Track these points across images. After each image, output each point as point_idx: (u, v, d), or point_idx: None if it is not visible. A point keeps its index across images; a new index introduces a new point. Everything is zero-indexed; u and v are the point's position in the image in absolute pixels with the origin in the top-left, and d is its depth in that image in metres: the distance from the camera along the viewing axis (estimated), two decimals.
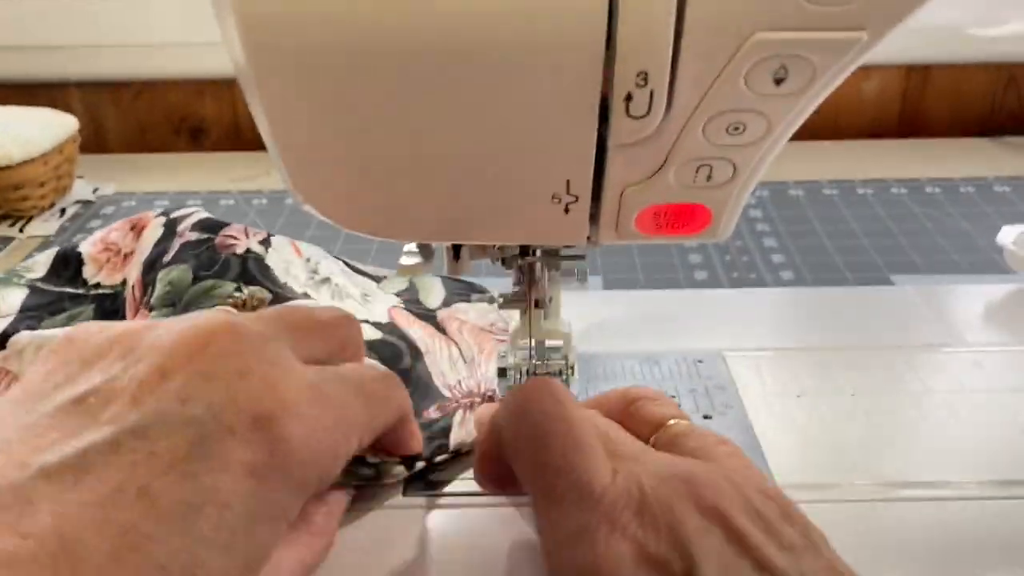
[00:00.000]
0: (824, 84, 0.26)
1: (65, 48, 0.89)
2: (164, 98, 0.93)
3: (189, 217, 0.50)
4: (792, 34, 0.24)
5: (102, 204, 0.80)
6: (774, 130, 0.27)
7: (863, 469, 0.39)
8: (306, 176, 0.30)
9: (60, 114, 0.79)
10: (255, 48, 0.26)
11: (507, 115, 0.27)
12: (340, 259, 0.56)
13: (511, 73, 0.26)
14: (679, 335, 0.50)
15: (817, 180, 0.78)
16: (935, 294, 0.54)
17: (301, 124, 0.28)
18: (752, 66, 0.25)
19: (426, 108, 0.27)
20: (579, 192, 0.29)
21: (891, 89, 0.90)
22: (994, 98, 0.90)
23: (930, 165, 0.80)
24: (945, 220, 0.69)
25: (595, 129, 0.27)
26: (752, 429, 0.41)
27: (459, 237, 0.34)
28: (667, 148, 0.28)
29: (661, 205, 0.30)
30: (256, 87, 0.27)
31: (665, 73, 0.25)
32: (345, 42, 0.25)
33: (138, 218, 0.54)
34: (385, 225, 0.32)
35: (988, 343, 0.48)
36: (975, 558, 0.35)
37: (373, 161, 0.29)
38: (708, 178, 0.29)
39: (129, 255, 0.53)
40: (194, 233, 0.48)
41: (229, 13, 0.25)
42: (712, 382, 0.45)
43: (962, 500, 0.37)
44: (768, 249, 0.65)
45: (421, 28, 0.25)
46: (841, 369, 0.46)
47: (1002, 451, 0.40)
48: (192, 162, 0.91)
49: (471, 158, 0.28)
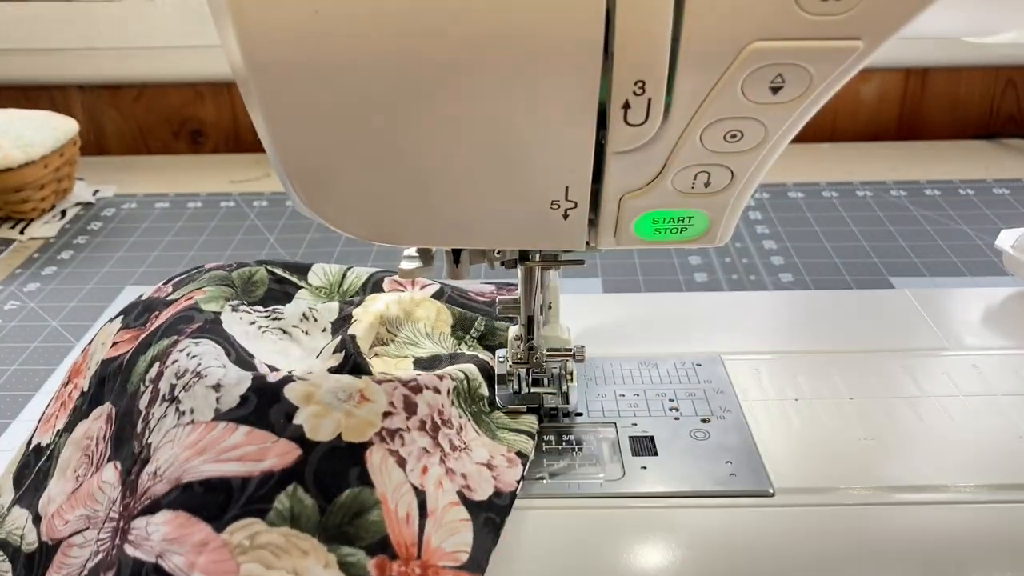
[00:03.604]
0: (821, 92, 0.26)
1: (65, 51, 0.89)
2: (164, 101, 0.93)
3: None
4: (789, 43, 0.24)
5: (102, 206, 0.80)
6: (771, 137, 0.27)
7: (861, 473, 0.39)
8: (306, 182, 0.30)
9: (60, 117, 0.79)
10: (253, 54, 0.26)
11: (506, 123, 0.27)
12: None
13: (510, 81, 0.26)
14: (678, 338, 0.50)
15: (817, 182, 0.78)
16: (933, 298, 0.54)
17: (300, 129, 0.28)
18: (749, 74, 0.25)
19: (426, 115, 0.27)
20: (578, 198, 0.29)
21: (890, 92, 0.90)
22: (992, 101, 0.90)
23: (929, 168, 0.81)
24: (944, 222, 0.69)
25: (593, 136, 0.27)
26: (750, 433, 0.42)
27: (459, 242, 0.34)
28: (665, 155, 0.28)
29: (659, 211, 0.30)
30: (256, 94, 0.27)
31: (662, 81, 0.25)
32: (344, 51, 0.25)
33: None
34: (385, 230, 0.32)
35: (986, 347, 0.48)
36: (972, 562, 0.35)
37: (373, 167, 0.29)
38: (706, 185, 0.29)
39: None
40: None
41: (227, 19, 0.25)
42: (711, 385, 0.45)
43: (959, 504, 0.37)
44: (768, 251, 0.65)
45: (420, 37, 0.25)
46: (839, 373, 0.46)
47: (999, 455, 0.40)
48: (192, 164, 0.91)
49: (471, 164, 0.29)
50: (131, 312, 0.46)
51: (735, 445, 0.41)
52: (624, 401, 0.44)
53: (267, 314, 0.46)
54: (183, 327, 0.41)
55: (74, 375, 0.45)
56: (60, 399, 0.45)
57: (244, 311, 0.45)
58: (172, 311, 0.43)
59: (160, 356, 0.39)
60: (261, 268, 0.50)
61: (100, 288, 0.65)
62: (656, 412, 0.43)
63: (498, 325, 0.48)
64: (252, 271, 0.50)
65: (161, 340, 0.41)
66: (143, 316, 0.45)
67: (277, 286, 0.50)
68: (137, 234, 0.75)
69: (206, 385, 0.36)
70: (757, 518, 0.37)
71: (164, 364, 0.38)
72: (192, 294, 0.45)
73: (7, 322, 0.61)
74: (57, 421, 0.43)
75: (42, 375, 0.55)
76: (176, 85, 0.92)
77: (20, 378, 0.54)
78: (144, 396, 0.38)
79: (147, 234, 0.75)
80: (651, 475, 0.39)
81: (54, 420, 0.44)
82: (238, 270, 0.49)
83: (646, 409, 0.43)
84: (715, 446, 0.41)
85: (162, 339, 0.41)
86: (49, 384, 0.54)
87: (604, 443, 0.41)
